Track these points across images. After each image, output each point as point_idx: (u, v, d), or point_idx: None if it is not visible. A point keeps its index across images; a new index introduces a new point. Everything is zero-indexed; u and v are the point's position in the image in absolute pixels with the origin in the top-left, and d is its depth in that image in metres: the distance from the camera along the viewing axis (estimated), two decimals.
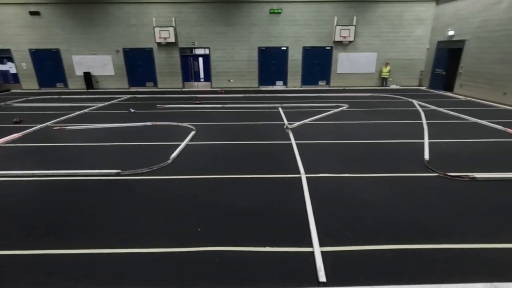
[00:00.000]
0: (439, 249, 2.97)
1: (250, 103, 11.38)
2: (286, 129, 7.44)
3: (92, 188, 4.41)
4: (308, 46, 15.45)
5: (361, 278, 2.58)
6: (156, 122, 8.33)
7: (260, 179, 4.66)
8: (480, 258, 2.84)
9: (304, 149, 5.96)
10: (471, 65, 12.45)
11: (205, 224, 3.46)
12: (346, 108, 10.12)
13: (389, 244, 3.05)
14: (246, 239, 3.16)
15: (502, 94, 10.80)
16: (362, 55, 15.62)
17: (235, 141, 6.58)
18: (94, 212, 3.74)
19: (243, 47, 15.36)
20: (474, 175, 4.60)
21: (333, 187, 4.34)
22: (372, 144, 6.29)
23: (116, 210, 3.77)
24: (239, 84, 16.04)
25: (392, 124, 8.02)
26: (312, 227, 3.32)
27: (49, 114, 9.64)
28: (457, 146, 6.11)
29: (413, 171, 4.86)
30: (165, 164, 5.24)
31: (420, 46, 15.44)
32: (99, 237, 3.22)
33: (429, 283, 2.48)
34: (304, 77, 16.07)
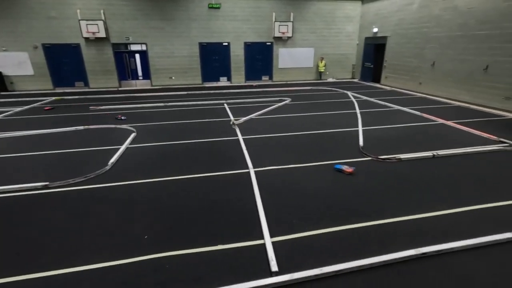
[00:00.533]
0: (374, 225, 3.30)
1: (195, 100, 11.08)
2: (233, 125, 7.44)
3: (15, 206, 3.83)
4: (249, 42, 15.60)
5: (310, 262, 2.73)
6: (90, 125, 7.57)
7: (208, 177, 4.59)
8: (407, 228, 3.24)
9: (251, 144, 6.04)
10: (392, 59, 13.99)
11: (152, 230, 3.28)
12: (289, 102, 10.53)
13: (332, 226, 3.29)
14: (197, 241, 3.09)
15: (418, 84, 12.40)
16: (300, 50, 16.37)
17: (181, 141, 6.35)
18: (20, 232, 3.26)
19: (183, 42, 14.81)
20: (400, 156, 5.21)
21: (280, 179, 4.50)
22: (314, 135, 6.67)
23: (46, 228, 3.34)
24: (181, 81, 15.47)
25: (330, 115, 8.60)
26: (262, 220, 3.40)
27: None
28: (385, 132, 6.84)
29: (350, 157, 5.30)
30: (103, 170, 4.81)
31: (351, 41, 16.79)
32: (29, 261, 2.82)
33: (367, 257, 2.74)
34: (248, 73, 16.23)
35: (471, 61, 9.82)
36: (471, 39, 9.73)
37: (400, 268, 2.67)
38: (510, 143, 5.78)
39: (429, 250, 2.83)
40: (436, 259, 2.78)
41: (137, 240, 3.11)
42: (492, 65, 9.08)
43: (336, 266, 2.64)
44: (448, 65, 10.78)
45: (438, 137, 6.39)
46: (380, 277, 2.57)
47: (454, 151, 5.46)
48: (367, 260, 2.70)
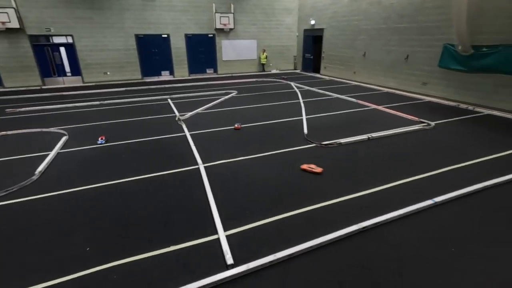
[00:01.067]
0: (321, 207, 3.53)
1: (135, 96, 10.35)
2: (179, 121, 7.17)
3: None
4: (190, 34, 15.06)
5: (264, 250, 2.81)
6: (8, 131, 6.55)
7: (155, 178, 4.37)
8: (349, 207, 3.53)
9: (200, 139, 5.90)
10: (329, 50, 14.89)
11: (94, 241, 3.01)
12: (236, 94, 10.51)
13: (282, 213, 3.42)
14: (147, 245, 2.94)
15: (352, 73, 13.44)
16: (243, 42, 16.38)
17: (122, 141, 5.90)
18: None
19: (117, 34, 13.62)
20: (340, 141, 5.62)
21: (230, 172, 4.50)
22: (261, 126, 6.80)
23: None
24: (118, 76, 14.27)
25: (276, 105, 8.84)
26: (215, 215, 3.37)
27: None
28: (326, 119, 7.29)
29: (296, 145, 5.54)
30: (29, 181, 4.23)
31: (291, 33, 17.37)
32: None
33: (316, 238, 2.93)
34: (191, 66, 15.71)
35: (394, 51, 10.97)
36: (394, 31, 10.85)
37: (345, 244, 2.91)
38: (428, 123, 6.66)
39: (368, 224, 3.13)
40: (375, 231, 3.09)
41: (77, 255, 2.82)
42: (411, 55, 10.28)
43: (288, 250, 2.76)
44: (376, 55, 11.87)
45: (371, 121, 7.04)
46: (329, 254, 2.77)
47: (385, 132, 6.08)
48: (316, 240, 2.88)
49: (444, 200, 3.60)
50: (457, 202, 3.61)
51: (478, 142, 5.58)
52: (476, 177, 4.15)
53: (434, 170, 4.45)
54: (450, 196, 3.66)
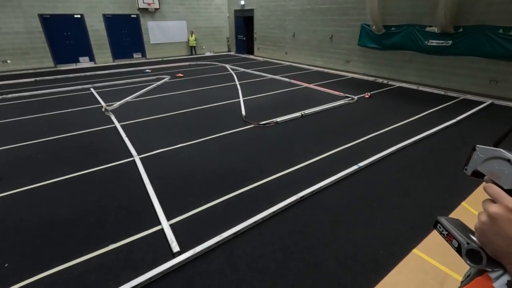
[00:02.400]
0: (261, 184, 3.68)
1: (49, 88, 9.00)
2: (106, 112, 6.53)
3: None
4: (109, 14, 13.50)
5: (210, 233, 2.84)
6: None
7: (85, 175, 3.96)
8: (287, 180, 3.76)
9: (132, 130, 5.50)
10: (261, 31, 15.04)
11: (13, 254, 2.64)
12: (168, 80, 9.97)
13: (224, 195, 3.47)
14: (81, 248, 2.70)
15: (284, 54, 13.89)
16: (171, 24, 15.41)
17: (37, 139, 5.14)
18: None
19: (14, 15, 11.43)
20: (276, 120, 5.85)
21: (169, 160, 4.34)
22: (198, 111, 6.64)
23: None
24: (23, 65, 12.15)
25: (212, 89, 8.68)
26: (156, 206, 3.25)
27: None
28: (263, 99, 7.47)
29: (235, 127, 5.59)
30: None
31: (221, 14, 16.93)
32: None
33: (258, 214, 3.07)
34: (115, 50, 14.21)
35: (320, 31, 11.64)
36: (318, 12, 11.45)
37: (285, 214, 3.12)
38: (352, 97, 7.37)
39: (305, 193, 3.39)
40: (311, 198, 3.38)
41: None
42: (335, 35, 11.05)
43: (233, 229, 2.84)
44: (304, 35, 12.44)
45: (304, 99, 7.47)
46: (271, 226, 2.94)
47: (316, 109, 6.53)
48: (259, 215, 3.03)
49: (366, 164, 4.10)
50: (376, 165, 4.15)
51: (392, 111, 6.41)
52: (391, 142, 4.80)
53: (358, 139, 4.99)
54: (370, 160, 4.18)
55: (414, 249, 2.63)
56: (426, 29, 8.12)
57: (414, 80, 8.99)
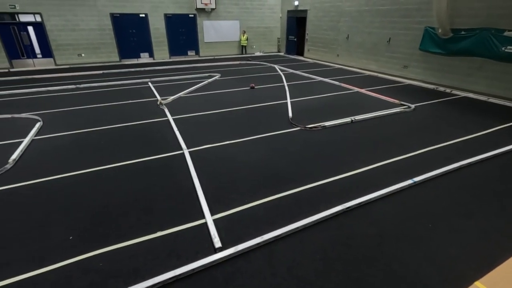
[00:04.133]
0: (306, 189, 3.59)
1: (113, 80, 9.90)
2: (160, 105, 6.96)
3: None
4: (170, 13, 14.39)
5: (251, 233, 2.85)
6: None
7: (139, 164, 4.26)
8: (334, 188, 3.62)
9: (183, 124, 5.78)
10: (313, 32, 14.75)
11: (77, 230, 2.94)
12: (219, 78, 10.29)
13: (268, 196, 3.46)
14: (132, 232, 2.90)
15: (335, 56, 13.45)
16: (225, 23, 15.88)
17: (101, 127, 5.68)
18: None
19: (89, 13, 12.79)
20: (324, 124, 5.67)
21: (216, 156, 4.46)
22: (245, 110, 6.73)
23: None
24: (94, 59, 13.55)
25: (260, 89, 8.74)
26: (201, 199, 3.36)
27: None
28: (310, 102, 7.32)
29: (281, 129, 5.55)
30: (3, 170, 4.02)
31: (274, 14, 16.99)
32: None
33: (302, 219, 3.00)
34: (172, 48, 15.13)
35: (376, 34, 11.02)
36: (376, 14, 10.85)
37: (329, 223, 3.00)
38: (408, 105, 6.84)
39: (352, 204, 3.23)
40: (358, 210, 3.20)
41: (60, 243, 2.75)
42: (393, 38, 10.37)
43: (274, 232, 2.81)
44: (358, 37, 11.89)
45: (354, 104, 7.14)
46: (313, 234, 2.85)
47: (368, 115, 6.20)
48: (302, 222, 2.95)
49: (422, 179, 3.76)
50: (434, 181, 3.78)
51: (455, 124, 5.81)
52: (452, 157, 4.35)
53: (414, 151, 4.61)
54: (428, 176, 3.82)
55: (477, 282, 2.33)
56: (504, 33, 7.19)
57: (483, 90, 8.05)
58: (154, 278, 2.34)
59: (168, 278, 2.34)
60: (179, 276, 2.37)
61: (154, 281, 2.31)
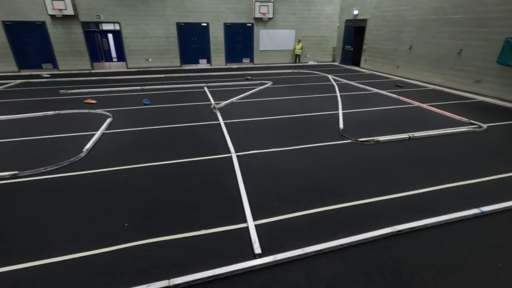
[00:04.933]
0: (353, 206, 3.41)
1: (173, 83, 10.72)
2: (214, 109, 7.30)
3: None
4: (229, 23, 15.12)
5: (292, 243, 2.80)
6: (60, 110, 7.15)
7: (189, 163, 4.52)
8: (383, 208, 3.37)
9: (233, 128, 5.97)
10: (371, 42, 14.12)
11: (131, 218, 3.21)
12: (270, 85, 10.44)
13: (312, 208, 3.36)
14: (180, 226, 3.07)
15: (395, 67, 12.66)
16: (281, 32, 16.11)
17: (159, 126, 6.17)
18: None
19: (159, 22, 14.10)
20: (378, 138, 5.35)
21: (262, 163, 4.51)
22: (295, 118, 6.69)
23: (16, 219, 3.18)
24: (158, 63, 14.86)
25: (311, 98, 8.63)
26: (245, 204, 3.41)
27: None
28: (364, 115, 6.98)
29: (330, 140, 5.38)
30: (77, 158, 4.60)
31: (331, 24, 16.71)
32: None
33: (346, 237, 2.85)
34: (228, 55, 15.84)
35: (444, 44, 10.10)
36: (445, 23, 9.96)
37: (377, 246, 2.79)
38: (479, 125, 6.10)
39: (404, 227, 2.97)
40: (411, 235, 2.93)
41: (116, 229, 3.03)
42: (465, 49, 9.39)
43: (317, 246, 2.72)
44: (423, 48, 11.03)
45: (414, 120, 6.61)
46: (358, 254, 2.69)
47: (429, 132, 5.68)
48: (346, 239, 2.81)
49: (492, 210, 3.30)
50: (508, 213, 3.29)
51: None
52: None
53: (483, 176, 4.08)
54: (499, 207, 3.34)
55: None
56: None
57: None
58: (195, 274, 2.43)
59: (208, 276, 2.41)
60: (218, 276, 2.43)
61: (195, 277, 2.40)
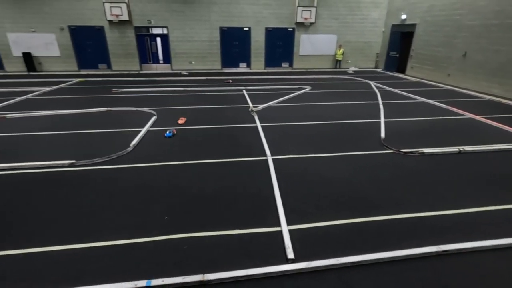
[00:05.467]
0: (394, 219, 3.24)
1: (213, 86, 11.09)
2: (251, 112, 7.41)
3: (42, 181, 4.03)
4: (271, 27, 15.28)
5: (327, 252, 2.73)
6: (112, 107, 7.77)
7: (226, 163, 4.63)
8: (428, 225, 3.15)
9: (270, 132, 6.01)
10: (420, 48, 13.31)
11: (171, 212, 3.37)
12: (309, 90, 10.32)
13: (349, 218, 3.25)
14: (215, 224, 3.15)
15: (446, 76, 11.78)
16: (322, 37, 15.87)
17: (199, 126, 6.42)
18: (46, 207, 3.44)
19: (204, 27, 14.71)
20: (423, 150, 5.02)
21: (298, 168, 4.47)
22: (334, 125, 6.54)
23: (70, 204, 3.51)
24: (200, 66, 15.47)
25: (351, 105, 8.37)
26: (279, 207, 3.41)
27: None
28: (408, 124, 6.59)
29: (371, 149, 5.17)
30: (125, 152, 4.96)
31: (376, 29, 16.08)
32: (53, 234, 2.98)
33: (385, 251, 2.71)
34: (268, 59, 15.99)
35: (505, 52, 9.18)
36: (508, 28, 9.06)
37: (419, 264, 2.61)
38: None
39: (450, 248, 2.74)
40: (459, 257, 2.70)
41: (157, 221, 3.21)
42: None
43: (353, 257, 2.62)
44: (480, 55, 10.13)
45: (465, 132, 6.10)
46: (398, 271, 2.54)
47: (483, 147, 5.20)
48: (386, 253, 2.67)
49: None
50: None
51: None
52: None
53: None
54: None
55: None
56: None
57: None
58: (228, 272, 2.48)
59: (240, 275, 2.44)
60: (250, 276, 2.45)
61: (228, 275, 2.45)
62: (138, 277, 2.43)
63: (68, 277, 2.45)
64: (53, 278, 2.43)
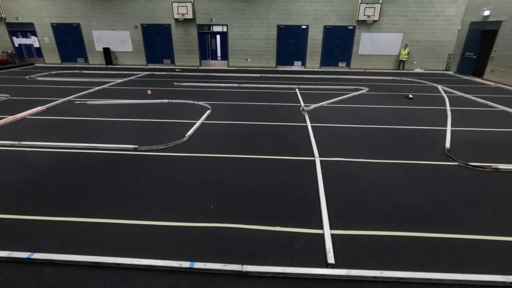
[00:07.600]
0: (451, 238, 2.92)
1: (267, 83, 11.21)
2: (302, 111, 7.32)
3: (110, 161, 4.57)
4: (330, 25, 14.81)
5: (369, 263, 2.60)
6: (173, 99, 8.40)
7: (273, 160, 4.67)
8: (493, 250, 2.77)
9: (320, 132, 5.87)
10: (504, 49, 11.59)
11: (217, 201, 3.54)
12: (366, 92, 9.78)
13: (399, 231, 3.03)
14: (258, 218, 3.22)
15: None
16: (386, 36, 14.84)
17: (251, 121, 6.57)
18: (111, 184, 3.90)
19: (262, 25, 14.92)
20: (497, 166, 4.40)
21: (347, 172, 4.30)
22: (391, 130, 6.11)
23: (131, 184, 3.91)
24: (256, 63, 15.76)
25: (413, 109, 7.71)
26: (323, 210, 3.33)
27: (70, 88, 9.91)
28: (482, 135, 5.83)
29: (432, 159, 4.71)
30: (180, 141, 5.33)
31: (450, 27, 14.45)
32: (115, 208, 3.37)
33: (438, 272, 2.46)
34: (324, 58, 15.55)
35: None
36: None
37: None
38: None
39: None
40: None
41: (204, 208, 3.40)
42: None
43: (398, 273, 2.44)
44: None
45: None
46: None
47: None
48: (437, 274, 2.43)
49: None
50: None
51: None
52: None
53: None
54: None
55: None
56: None
57: None
58: (266, 266, 2.52)
59: (278, 272, 2.47)
60: (288, 274, 2.46)
61: (266, 269, 2.49)
62: (183, 258, 2.62)
63: (125, 248, 2.75)
64: (111, 248, 2.76)
